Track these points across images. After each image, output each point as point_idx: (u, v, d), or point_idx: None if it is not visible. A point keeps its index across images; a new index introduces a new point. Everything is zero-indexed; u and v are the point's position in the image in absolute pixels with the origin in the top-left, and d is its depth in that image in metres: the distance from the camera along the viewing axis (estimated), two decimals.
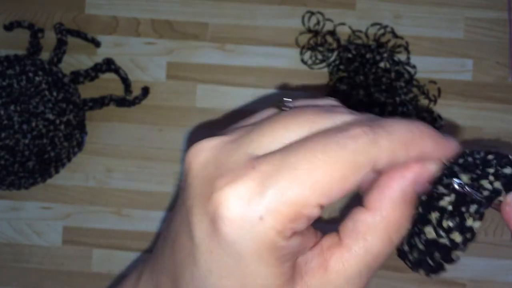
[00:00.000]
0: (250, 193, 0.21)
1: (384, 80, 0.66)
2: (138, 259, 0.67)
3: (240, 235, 0.20)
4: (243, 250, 0.21)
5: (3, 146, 0.61)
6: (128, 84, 0.67)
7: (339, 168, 0.21)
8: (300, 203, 0.21)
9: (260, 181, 0.21)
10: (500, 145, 0.67)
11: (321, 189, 0.21)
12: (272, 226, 0.20)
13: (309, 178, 0.21)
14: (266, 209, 0.20)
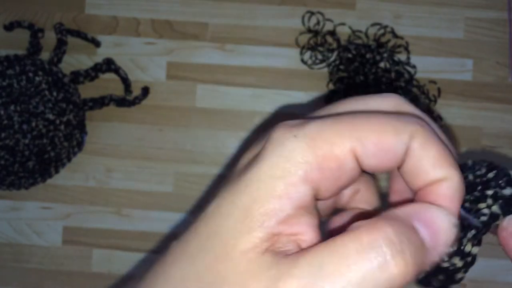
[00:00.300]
0: (294, 124, 0.22)
1: (384, 80, 0.66)
2: (138, 259, 0.67)
3: (274, 149, 0.21)
4: (273, 165, 0.21)
5: (3, 146, 0.61)
6: (128, 84, 0.67)
7: (379, 123, 0.21)
8: (335, 140, 0.21)
9: (307, 119, 0.22)
10: (500, 145, 0.67)
11: (358, 134, 0.21)
12: (302, 147, 0.21)
13: (348, 122, 0.21)
14: (301, 132, 0.21)
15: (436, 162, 0.21)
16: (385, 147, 0.21)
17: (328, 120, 0.21)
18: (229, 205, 0.21)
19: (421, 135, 0.21)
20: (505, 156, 0.67)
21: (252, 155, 0.22)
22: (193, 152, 0.67)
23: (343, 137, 0.21)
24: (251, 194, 0.21)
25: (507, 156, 0.67)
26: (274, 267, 0.19)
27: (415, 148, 0.21)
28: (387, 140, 0.21)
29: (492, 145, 0.67)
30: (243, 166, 0.22)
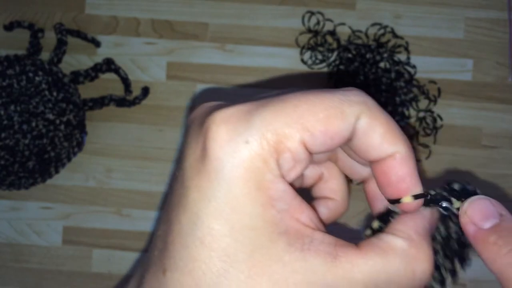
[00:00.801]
0: (238, 118, 0.21)
1: (384, 80, 0.66)
2: (138, 259, 0.67)
3: (227, 159, 0.20)
4: (231, 175, 0.20)
5: (3, 146, 0.61)
6: (128, 84, 0.67)
7: (325, 108, 0.21)
8: (284, 134, 0.21)
9: (249, 110, 0.21)
10: (500, 145, 0.67)
11: (305, 125, 0.21)
12: (258, 153, 0.20)
13: (295, 112, 0.21)
14: (251, 134, 0.21)
15: (384, 139, 0.22)
16: (333, 133, 0.21)
17: (273, 109, 0.21)
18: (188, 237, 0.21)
19: (367, 114, 0.22)
20: (505, 156, 0.67)
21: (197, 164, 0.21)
22: None
23: (291, 129, 0.21)
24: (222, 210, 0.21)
25: (507, 156, 0.67)
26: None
27: (362, 127, 0.22)
28: (334, 127, 0.21)
29: (492, 145, 0.67)
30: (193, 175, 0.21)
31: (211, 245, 0.20)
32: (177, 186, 0.22)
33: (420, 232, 0.22)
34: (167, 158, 0.67)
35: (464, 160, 0.66)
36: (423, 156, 0.66)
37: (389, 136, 0.22)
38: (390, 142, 0.22)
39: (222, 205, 0.20)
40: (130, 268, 0.67)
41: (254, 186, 0.20)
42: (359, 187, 0.28)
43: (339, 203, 0.27)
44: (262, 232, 0.20)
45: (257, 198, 0.20)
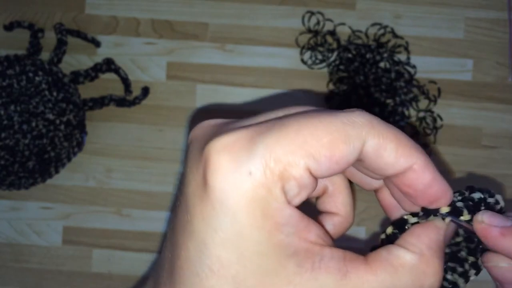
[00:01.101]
0: (239, 147, 0.20)
1: (384, 80, 0.66)
2: (138, 259, 0.67)
3: (231, 189, 0.20)
4: (235, 207, 0.20)
5: (3, 146, 0.61)
6: (128, 84, 0.67)
7: (329, 133, 0.21)
8: (288, 161, 0.20)
9: (251, 137, 0.21)
10: (500, 145, 0.67)
11: (310, 151, 0.20)
12: (262, 183, 0.20)
13: (297, 137, 0.20)
14: (254, 164, 0.20)
15: (397, 154, 0.22)
16: (338, 158, 0.21)
17: (275, 134, 0.21)
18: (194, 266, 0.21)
19: (374, 135, 0.21)
20: (505, 156, 0.67)
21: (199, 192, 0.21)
22: None
23: (295, 156, 0.20)
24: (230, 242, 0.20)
25: (507, 156, 0.67)
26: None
27: (372, 148, 0.21)
28: (339, 151, 0.21)
29: (492, 145, 0.67)
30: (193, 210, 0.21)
31: (221, 273, 0.20)
32: (181, 211, 0.22)
33: (432, 247, 0.22)
34: (167, 158, 0.67)
35: (464, 160, 0.66)
36: None
37: (402, 150, 0.22)
38: (405, 155, 0.22)
39: (228, 235, 0.20)
40: (130, 268, 0.67)
41: (259, 215, 0.20)
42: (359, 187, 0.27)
43: (344, 219, 0.26)
44: (271, 257, 0.20)
45: (263, 226, 0.20)
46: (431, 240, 0.22)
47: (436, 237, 0.23)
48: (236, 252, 0.20)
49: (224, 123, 0.23)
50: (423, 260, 0.22)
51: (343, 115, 0.21)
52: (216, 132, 0.22)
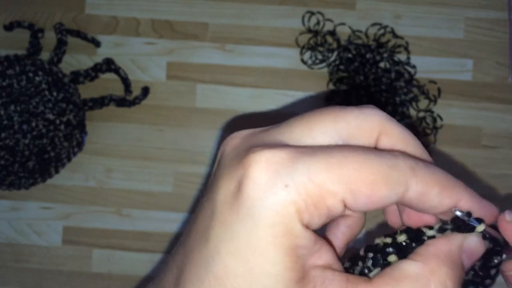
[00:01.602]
0: (281, 163, 0.20)
1: (384, 80, 0.66)
2: (138, 259, 0.67)
3: (261, 199, 0.20)
4: (260, 218, 0.20)
5: (3, 146, 0.61)
6: (128, 84, 0.67)
7: (373, 173, 0.20)
8: (328, 190, 0.20)
9: (294, 156, 0.20)
10: (500, 145, 0.66)
11: (350, 184, 0.20)
12: (294, 200, 0.20)
13: (341, 169, 0.20)
14: (293, 180, 0.20)
15: (441, 197, 0.22)
16: (377, 199, 0.21)
17: (319, 161, 0.20)
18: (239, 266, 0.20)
19: (418, 181, 0.21)
20: (505, 156, 0.67)
21: (230, 199, 0.21)
22: (193, 152, 0.67)
23: (335, 186, 0.20)
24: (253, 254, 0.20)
25: (507, 156, 0.67)
26: None
27: (416, 194, 0.21)
28: (379, 193, 0.21)
29: (492, 145, 0.67)
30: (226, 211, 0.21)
31: (224, 282, 0.20)
32: (204, 216, 0.21)
33: (440, 256, 0.22)
34: (167, 158, 0.67)
35: (464, 160, 0.66)
36: None
37: (446, 193, 0.22)
38: (449, 196, 0.22)
39: (243, 245, 0.20)
40: (130, 268, 0.67)
41: (281, 232, 0.20)
42: None
43: (358, 220, 0.26)
44: (279, 279, 0.20)
45: (281, 245, 0.20)
46: (439, 249, 0.22)
47: (446, 247, 0.22)
48: (246, 266, 0.20)
49: (258, 134, 0.23)
50: (427, 268, 0.21)
51: (388, 157, 0.21)
52: (254, 143, 0.22)
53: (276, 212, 0.20)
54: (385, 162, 0.21)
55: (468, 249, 0.23)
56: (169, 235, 0.67)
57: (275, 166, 0.20)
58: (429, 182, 0.21)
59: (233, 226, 0.20)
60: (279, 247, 0.20)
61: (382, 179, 0.20)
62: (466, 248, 0.22)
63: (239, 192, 0.20)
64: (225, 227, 0.20)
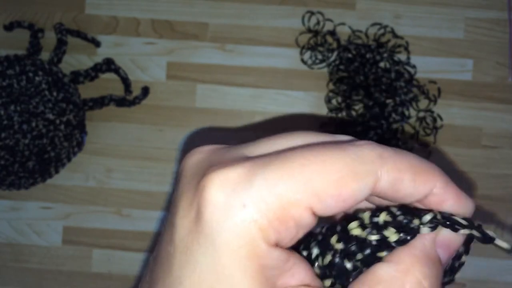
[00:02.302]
0: (237, 178, 0.19)
1: (384, 80, 0.66)
2: (138, 259, 0.67)
3: (220, 222, 0.18)
4: (221, 243, 0.18)
5: (3, 146, 0.61)
6: (128, 84, 0.67)
7: (337, 170, 0.19)
8: (289, 200, 0.19)
9: (250, 169, 0.19)
10: (500, 145, 0.66)
11: (314, 190, 0.19)
12: (254, 219, 0.18)
13: (302, 173, 0.19)
14: (251, 197, 0.18)
15: (415, 183, 0.20)
16: (346, 197, 0.19)
17: (277, 169, 0.19)
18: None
19: (388, 169, 0.20)
20: (505, 156, 0.67)
21: (189, 224, 0.19)
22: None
23: (297, 194, 0.19)
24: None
25: (507, 156, 0.67)
26: None
27: (387, 183, 0.20)
28: (348, 190, 0.19)
29: (492, 145, 0.67)
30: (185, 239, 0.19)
31: None
32: (166, 242, 0.20)
33: (413, 253, 0.20)
34: (167, 158, 0.67)
35: (464, 160, 0.66)
36: (423, 156, 0.66)
37: (420, 178, 0.20)
38: (423, 182, 0.20)
39: (207, 274, 0.19)
40: (130, 268, 0.67)
41: (245, 255, 0.18)
42: None
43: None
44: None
45: (246, 268, 0.18)
46: (412, 246, 0.20)
47: (419, 242, 0.20)
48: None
49: (220, 150, 0.22)
50: (401, 269, 0.20)
51: (352, 150, 0.19)
52: (212, 162, 0.20)
53: (237, 234, 0.18)
54: (349, 156, 0.19)
55: (443, 242, 0.21)
56: None
57: (231, 185, 0.19)
58: (401, 168, 0.20)
59: (194, 254, 0.19)
60: (245, 271, 0.18)
61: (349, 174, 0.19)
62: (441, 241, 0.21)
63: (198, 217, 0.19)
64: (186, 255, 0.19)
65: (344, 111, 0.66)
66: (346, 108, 0.66)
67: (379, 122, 0.65)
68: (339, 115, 0.66)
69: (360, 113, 0.66)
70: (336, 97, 0.67)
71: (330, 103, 0.67)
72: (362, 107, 0.66)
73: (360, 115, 0.66)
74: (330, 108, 0.67)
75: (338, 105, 0.67)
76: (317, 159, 0.19)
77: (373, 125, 0.65)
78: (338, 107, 0.66)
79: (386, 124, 0.65)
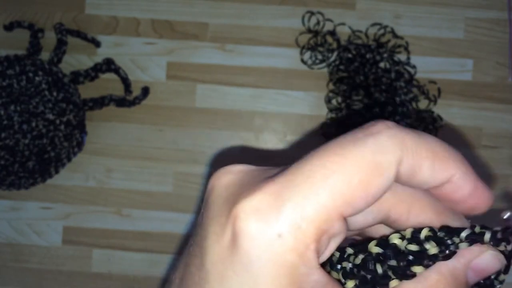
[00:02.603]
0: (267, 206, 0.19)
1: (384, 80, 0.66)
2: (138, 259, 0.67)
3: (258, 253, 0.18)
4: (260, 273, 0.18)
5: (3, 146, 0.61)
6: (128, 84, 0.67)
7: (359, 170, 0.18)
8: (321, 218, 0.18)
9: (278, 194, 0.19)
10: (500, 145, 0.66)
11: (342, 196, 0.18)
12: (292, 247, 0.18)
13: (326, 185, 0.18)
14: (284, 225, 0.18)
15: (434, 169, 0.20)
16: (374, 193, 0.19)
17: (304, 190, 0.19)
18: None
19: (409, 154, 0.19)
20: (505, 156, 0.67)
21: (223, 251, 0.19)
22: (193, 152, 0.67)
23: (329, 211, 0.18)
24: None
25: (507, 156, 0.67)
26: None
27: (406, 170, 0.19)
28: (374, 187, 0.19)
29: (492, 145, 0.67)
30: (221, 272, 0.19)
31: None
32: (195, 265, 0.20)
33: (442, 272, 0.20)
34: (167, 158, 0.67)
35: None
36: None
37: (439, 165, 0.19)
38: (442, 169, 0.20)
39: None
40: (130, 268, 0.67)
41: (285, 282, 0.18)
42: None
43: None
44: None
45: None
46: (442, 264, 0.20)
47: (450, 262, 0.20)
48: None
49: (249, 173, 0.21)
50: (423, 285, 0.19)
51: (371, 142, 0.19)
52: (243, 186, 0.20)
53: (276, 263, 0.18)
54: (369, 149, 0.19)
55: (478, 267, 0.20)
56: (169, 235, 0.67)
57: (263, 215, 0.18)
58: (420, 152, 0.19)
59: (230, 281, 0.19)
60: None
61: (373, 171, 0.19)
62: (476, 265, 0.20)
63: (233, 246, 0.19)
64: (221, 283, 0.19)
65: (344, 111, 0.66)
66: (346, 108, 0.66)
67: None
68: (339, 115, 0.66)
69: (360, 113, 0.66)
70: (336, 97, 0.67)
71: (330, 103, 0.67)
72: (362, 107, 0.66)
73: (360, 115, 0.66)
74: (330, 108, 0.67)
75: (338, 105, 0.67)
76: (336, 164, 0.19)
77: None
78: (338, 107, 0.66)
79: None
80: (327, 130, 0.66)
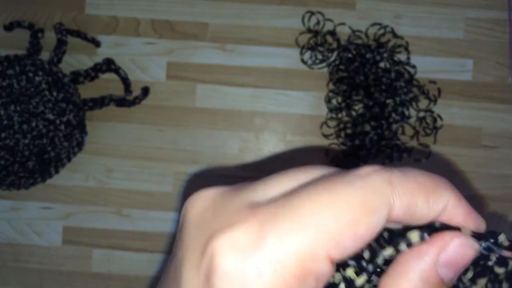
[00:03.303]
0: (247, 241, 0.17)
1: (384, 80, 0.66)
2: (138, 259, 0.67)
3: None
4: None
5: (3, 146, 0.61)
6: (128, 84, 0.67)
7: (348, 209, 0.18)
8: (305, 254, 0.17)
9: (259, 227, 0.18)
10: (500, 145, 0.66)
11: (330, 235, 0.17)
12: (270, 282, 0.17)
13: (314, 221, 0.17)
14: (264, 261, 0.17)
15: (429, 205, 0.19)
16: (363, 234, 0.18)
17: (286, 223, 0.17)
18: None
19: (401, 195, 0.19)
20: (505, 156, 0.67)
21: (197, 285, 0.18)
22: (193, 152, 0.67)
23: (313, 246, 0.17)
24: None
25: (507, 156, 0.67)
26: None
27: (402, 211, 0.19)
28: (363, 227, 0.18)
29: (492, 145, 0.67)
30: None
31: None
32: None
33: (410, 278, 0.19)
34: (167, 158, 0.67)
35: (464, 160, 0.66)
36: (423, 156, 0.66)
37: (433, 198, 0.19)
38: (437, 201, 0.19)
39: None
40: (130, 268, 0.67)
41: None
42: None
43: None
44: None
45: None
46: (409, 269, 0.19)
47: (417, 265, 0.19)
48: None
49: (224, 197, 0.20)
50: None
51: (359, 182, 0.18)
52: (217, 213, 0.19)
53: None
54: (358, 189, 0.18)
55: (447, 260, 0.19)
56: (169, 235, 0.67)
57: (242, 250, 0.17)
58: (412, 190, 0.19)
59: None
60: None
61: (362, 210, 0.18)
62: (445, 260, 0.19)
63: (208, 282, 0.18)
64: None
65: (344, 111, 0.66)
66: (346, 108, 0.66)
67: (379, 122, 0.65)
68: (339, 115, 0.66)
69: (360, 113, 0.66)
70: (336, 97, 0.67)
71: (330, 103, 0.67)
72: (362, 107, 0.66)
73: (360, 115, 0.66)
74: (330, 108, 0.67)
75: (338, 105, 0.67)
76: (326, 201, 0.18)
77: (373, 125, 0.65)
78: (338, 107, 0.66)
79: (386, 124, 0.65)
80: (327, 130, 0.66)
